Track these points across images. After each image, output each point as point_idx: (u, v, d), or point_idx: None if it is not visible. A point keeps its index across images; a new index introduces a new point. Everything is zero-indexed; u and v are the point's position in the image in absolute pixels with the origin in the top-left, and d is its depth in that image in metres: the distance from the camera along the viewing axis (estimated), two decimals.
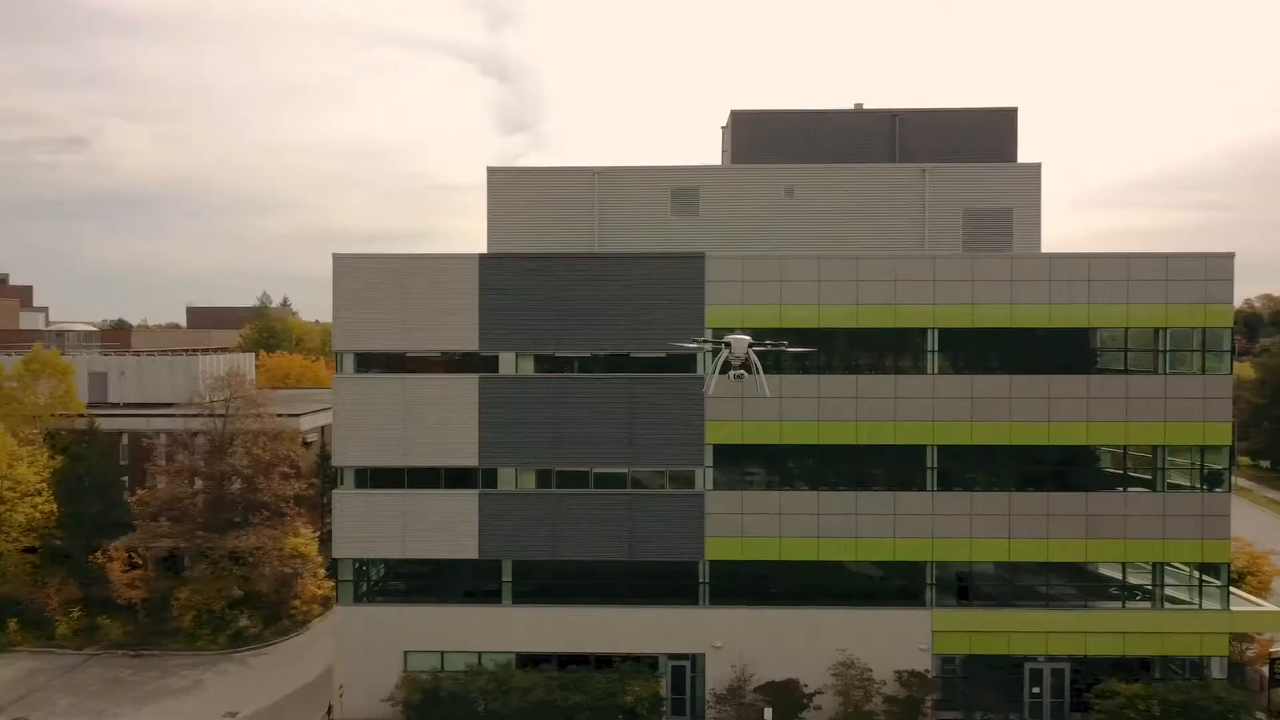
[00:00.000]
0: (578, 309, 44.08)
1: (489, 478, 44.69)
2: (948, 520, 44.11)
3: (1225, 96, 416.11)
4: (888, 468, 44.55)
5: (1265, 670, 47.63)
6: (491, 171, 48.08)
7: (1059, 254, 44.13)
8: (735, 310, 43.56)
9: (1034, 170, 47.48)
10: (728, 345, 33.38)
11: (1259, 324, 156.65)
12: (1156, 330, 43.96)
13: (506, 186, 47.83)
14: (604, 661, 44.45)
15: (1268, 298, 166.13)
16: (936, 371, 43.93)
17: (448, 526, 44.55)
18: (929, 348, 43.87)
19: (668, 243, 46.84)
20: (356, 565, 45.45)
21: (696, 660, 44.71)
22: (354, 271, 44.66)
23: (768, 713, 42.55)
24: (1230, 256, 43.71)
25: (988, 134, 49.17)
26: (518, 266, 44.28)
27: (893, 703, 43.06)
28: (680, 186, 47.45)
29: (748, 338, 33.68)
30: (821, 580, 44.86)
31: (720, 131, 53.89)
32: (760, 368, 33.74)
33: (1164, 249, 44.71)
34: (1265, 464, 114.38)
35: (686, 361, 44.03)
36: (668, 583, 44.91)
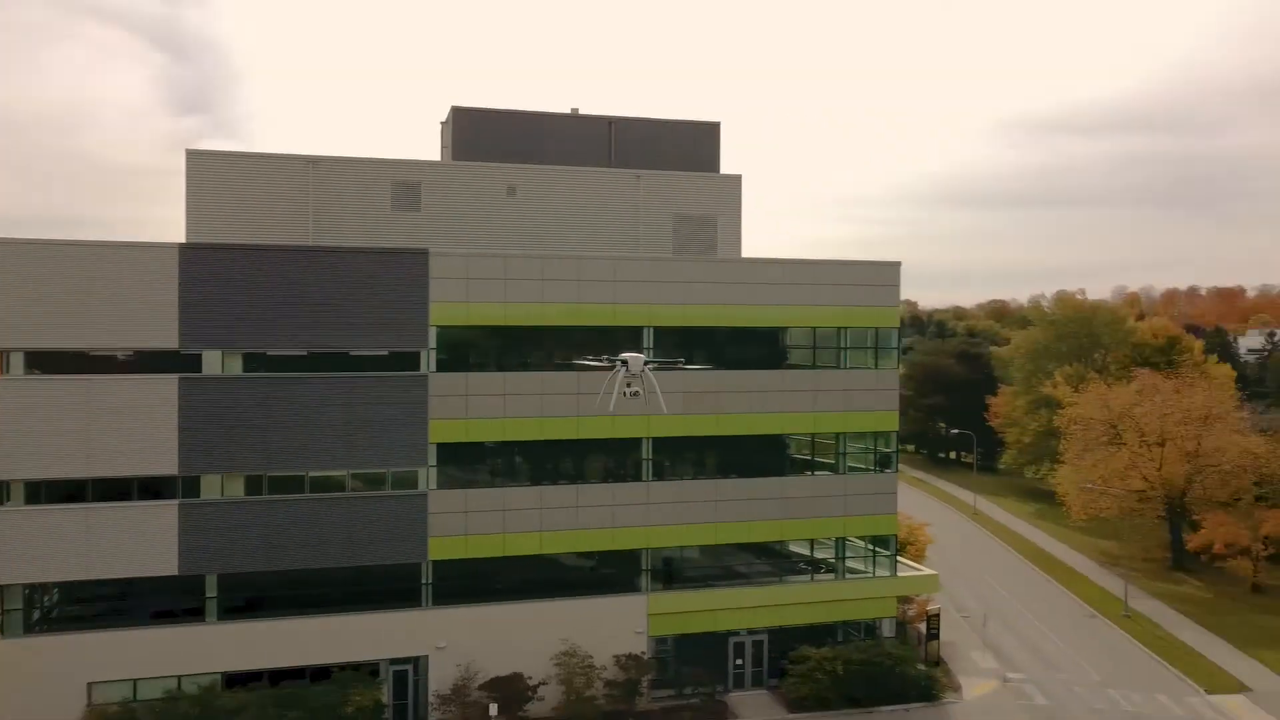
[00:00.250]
0: (292, 305, 41.79)
1: (191, 487, 41.27)
2: (662, 508, 46.66)
3: (902, 127, 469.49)
4: (606, 460, 46.33)
5: (923, 627, 54.82)
6: (192, 155, 44.44)
7: (759, 259, 48.10)
8: (460, 308, 43.37)
9: (736, 181, 51.35)
10: (625, 363, 34.44)
11: (902, 325, 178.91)
12: (839, 329, 49.15)
13: (209, 172, 44.45)
14: (323, 673, 42.57)
15: (907, 302, 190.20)
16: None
17: (142, 542, 40.59)
18: (646, 344, 46.10)
19: (389, 238, 45.72)
20: (27, 592, 40.24)
21: (419, 663, 44.04)
22: (18, 259, 39.39)
23: (493, 708, 42.82)
24: (897, 265, 49.82)
25: (695, 145, 52.51)
26: (224, 258, 41.20)
27: (612, 686, 44.86)
28: (401, 180, 46.46)
29: (643, 356, 35.07)
30: (544, 573, 45.82)
31: (439, 127, 53.31)
32: (655, 384, 34.63)
33: (848, 257, 50.13)
34: (911, 448, 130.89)
35: (409, 360, 43.21)
36: (390, 586, 43.85)
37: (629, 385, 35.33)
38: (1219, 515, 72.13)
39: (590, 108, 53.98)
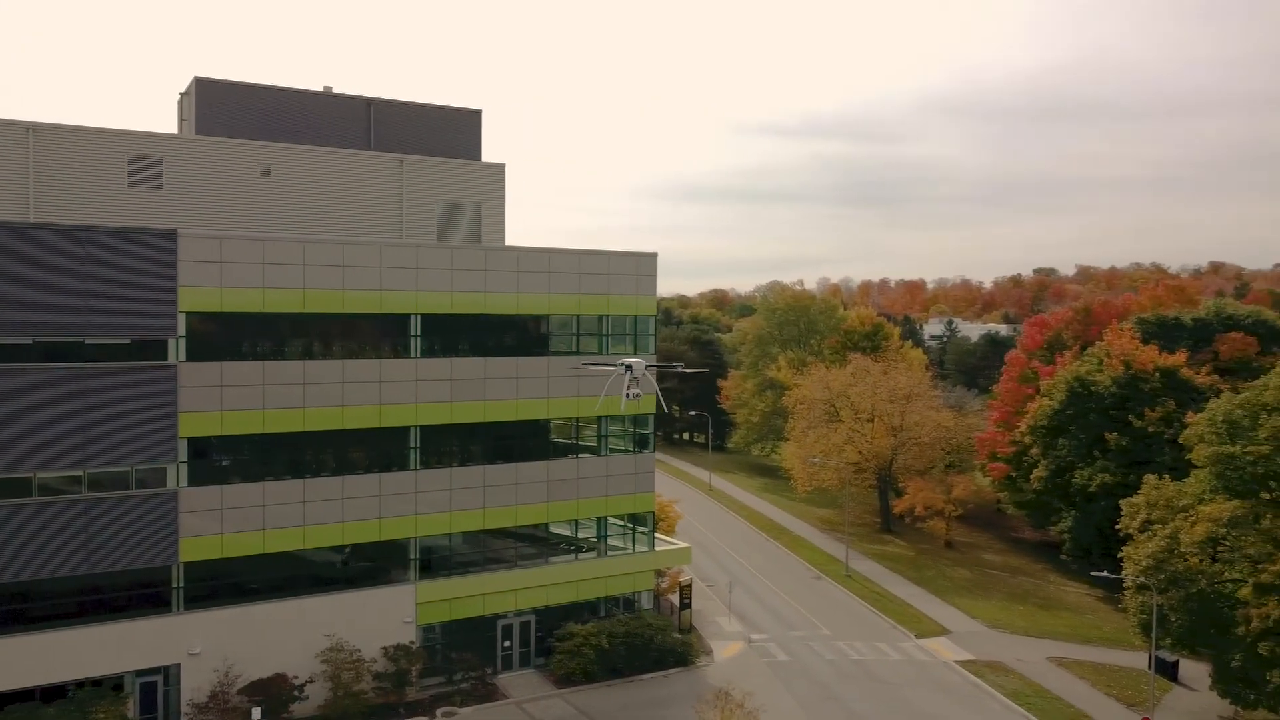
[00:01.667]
0: (12, 289, 37.45)
1: None
2: (430, 496, 46.44)
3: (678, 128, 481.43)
4: (373, 450, 45.41)
5: (675, 598, 58.15)
6: None
7: (525, 248, 48.86)
8: (213, 293, 40.80)
9: (499, 169, 51.71)
10: (628, 367, 36.91)
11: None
12: (600, 317, 50.98)
13: None
14: (57, 692, 38.74)
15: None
16: (420, 355, 45.85)
17: None
18: (413, 332, 45.60)
19: (127, 216, 42.07)
20: None
21: (171, 672, 41.16)
22: None
23: (255, 712, 40.92)
24: (654, 256, 52.39)
25: (457, 132, 52.25)
26: None
27: (382, 678, 44.18)
28: (140, 154, 42.84)
29: (644, 360, 37.59)
30: (308, 569, 44.27)
31: (179, 99, 49.45)
32: (656, 385, 36.78)
33: (608, 247, 52.02)
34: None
35: (155, 349, 40.10)
36: (135, 593, 40.65)
37: (630, 387, 37.40)
38: (918, 482, 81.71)
39: (343, 87, 52.07)
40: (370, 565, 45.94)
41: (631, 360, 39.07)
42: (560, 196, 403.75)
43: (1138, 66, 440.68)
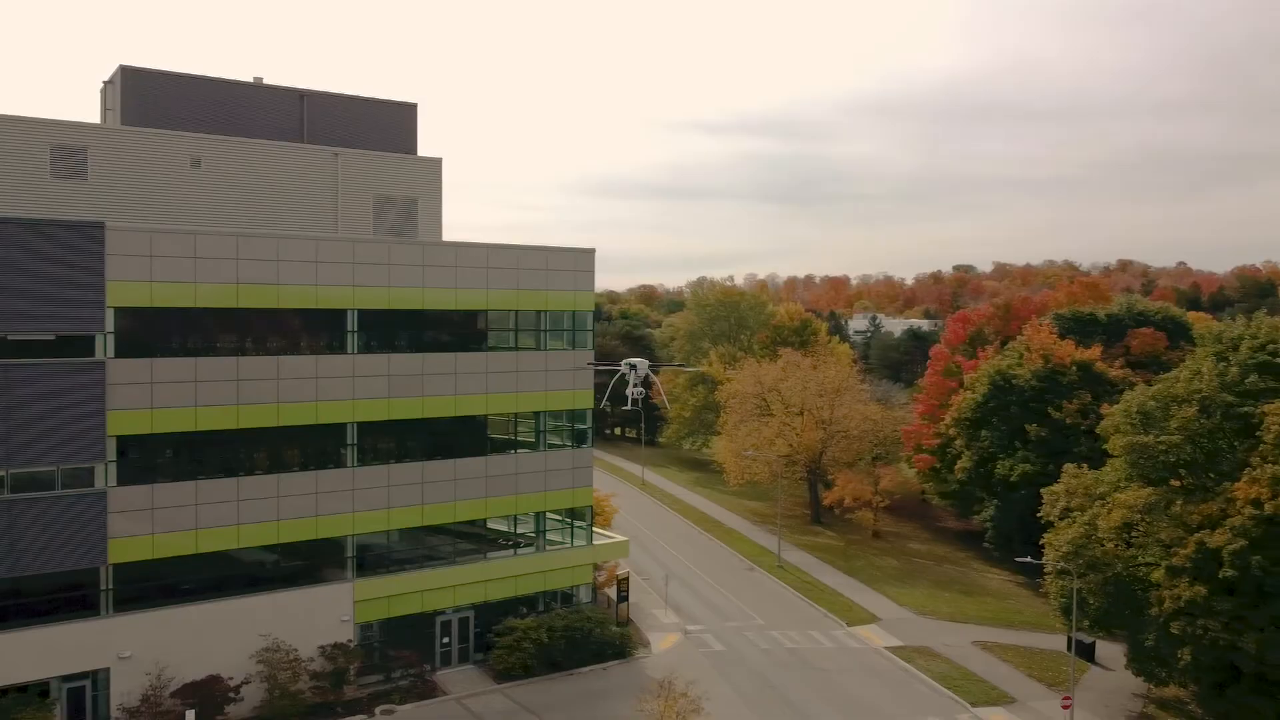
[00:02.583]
0: None
1: None
2: (368, 493, 46.03)
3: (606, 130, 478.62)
4: (309, 447, 44.85)
5: (611, 592, 58.60)
6: None
7: (463, 243, 48.69)
8: (143, 288, 39.83)
9: (436, 164, 51.40)
10: (633, 367, 39.26)
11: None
12: (539, 313, 51.08)
13: None
14: None
15: None
16: (357, 351, 45.39)
17: None
18: (349, 328, 45.11)
19: (50, 208, 40.83)
20: None
21: (99, 676, 40.12)
22: None
23: (189, 715, 40.12)
24: (592, 252, 52.65)
25: (392, 125, 51.76)
26: None
27: (319, 678, 43.68)
28: (63, 144, 41.56)
29: (647, 361, 39.21)
30: (243, 568, 43.56)
31: (102, 88, 48.01)
32: (660, 384, 39.13)
33: (537, 242, 52.14)
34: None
35: (81, 345, 38.99)
36: (62, 596, 39.51)
37: (635, 386, 40.22)
38: (847, 474, 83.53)
39: (274, 79, 51.10)
40: (307, 564, 45.36)
41: (635, 361, 40.49)
42: (487, 191, 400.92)
43: (1053, 70, 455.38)
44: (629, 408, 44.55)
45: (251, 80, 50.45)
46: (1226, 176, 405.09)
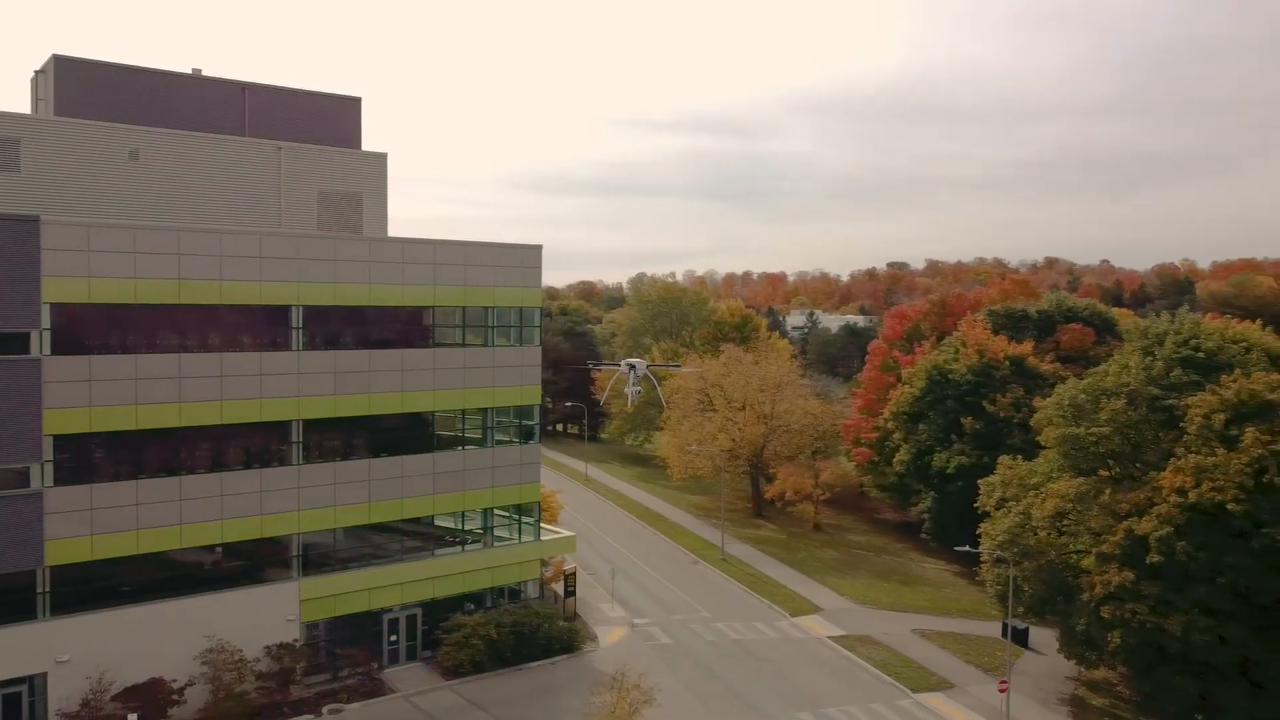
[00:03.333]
0: None
1: None
2: (313, 491, 45.53)
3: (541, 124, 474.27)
4: (253, 445, 44.23)
5: (558, 587, 58.79)
6: None
7: (409, 239, 48.40)
8: (80, 283, 38.89)
9: (382, 159, 50.99)
10: (632, 368, 42.04)
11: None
12: (486, 309, 50.99)
13: None
14: None
15: None
16: (302, 348, 44.86)
17: None
18: (294, 324, 44.56)
19: None
20: None
21: (36, 681, 39.12)
22: None
23: (131, 719, 39.41)
24: (539, 248, 52.72)
25: (336, 120, 51.18)
26: None
27: (265, 678, 43.17)
28: None
29: (645, 361, 41.67)
30: (186, 569, 42.82)
31: (33, 77, 46.61)
32: (656, 381, 41.05)
33: (477, 238, 51.90)
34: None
35: (16, 342, 37.88)
36: None
37: (634, 385, 41.98)
38: (788, 468, 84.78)
39: (209, 71, 50.07)
40: (251, 563, 44.75)
41: (635, 361, 41.43)
42: (424, 185, 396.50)
43: (984, 72, 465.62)
44: (629, 406, 46.78)
45: (190, 72, 49.45)
46: (1147, 178, 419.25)
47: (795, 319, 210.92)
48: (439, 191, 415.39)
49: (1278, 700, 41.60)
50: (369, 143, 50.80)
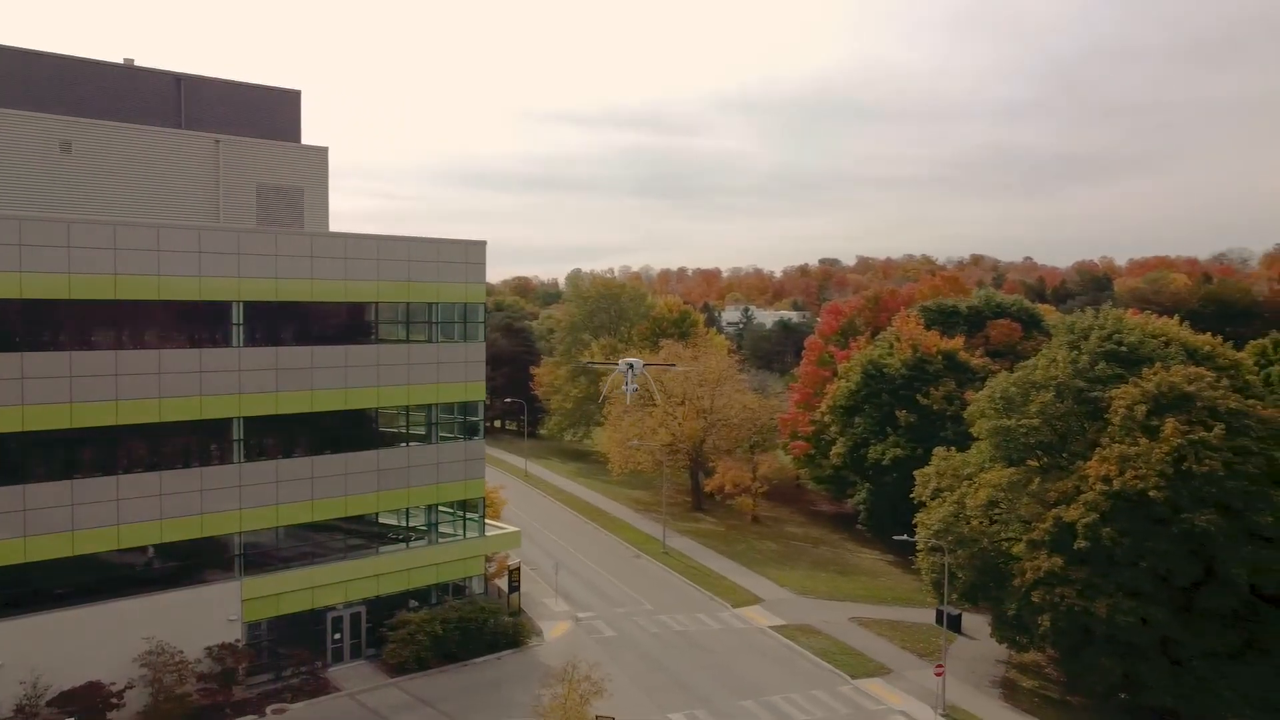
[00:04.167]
0: None
1: None
2: (255, 490, 44.95)
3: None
4: (193, 443, 43.47)
5: (501, 583, 58.85)
6: None
7: (352, 234, 47.99)
8: (11, 278, 37.86)
9: (323, 153, 50.40)
10: (631, 366, 44.15)
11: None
12: (430, 305, 50.81)
13: None
14: None
15: None
16: (243, 344, 44.22)
17: None
18: (235, 321, 43.91)
19: None
20: None
21: None
22: None
23: None
24: (483, 244, 52.65)
25: (275, 113, 50.44)
26: None
27: (207, 679, 42.58)
28: None
29: (642, 361, 43.79)
30: (124, 570, 41.98)
31: None
32: (651, 380, 42.95)
33: (427, 233, 51.74)
34: None
35: None
36: None
37: (630, 384, 43.31)
38: (727, 461, 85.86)
39: (143, 61, 49.00)
40: (192, 563, 44.00)
41: (632, 360, 42.81)
42: (350, 180, 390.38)
43: (910, 74, 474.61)
44: (629, 403, 50.93)
45: (121, 62, 48.27)
46: (1065, 176, 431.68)
47: (730, 315, 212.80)
48: (364, 185, 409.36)
49: (1195, 676, 43.68)
50: (306, 136, 50.11)
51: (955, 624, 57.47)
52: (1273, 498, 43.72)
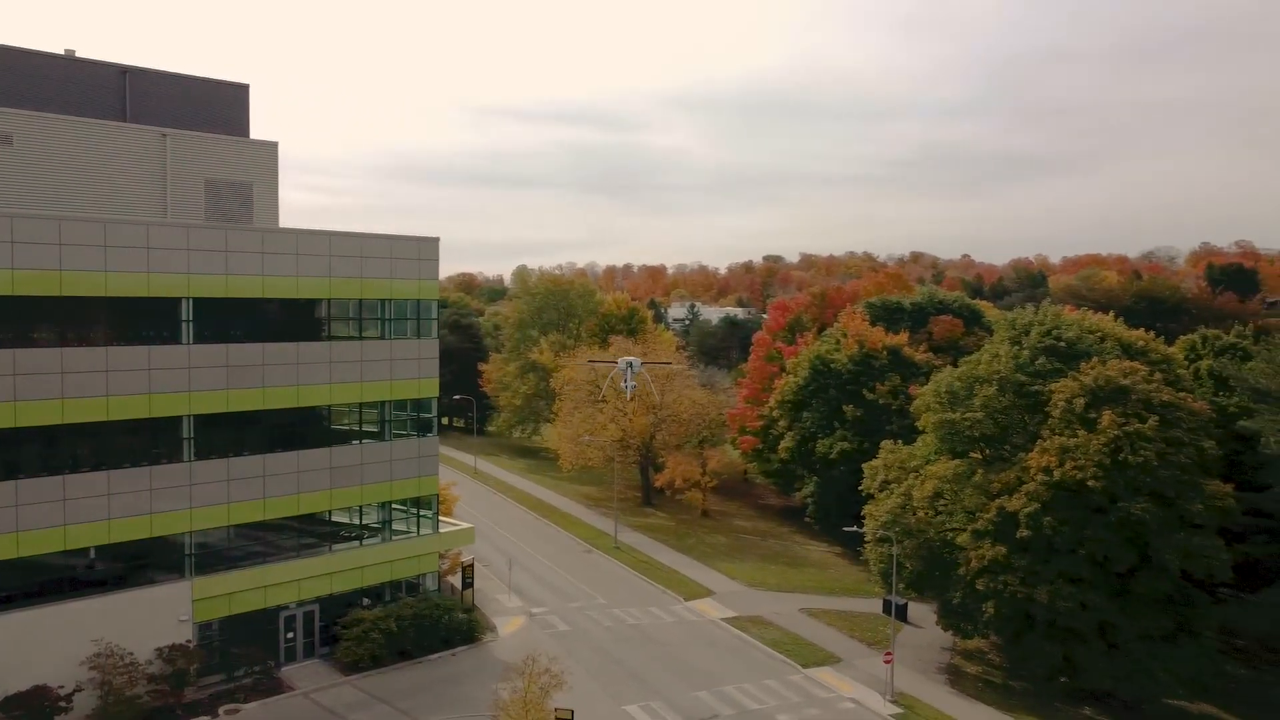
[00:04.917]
0: None
1: None
2: (206, 488, 44.38)
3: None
4: (142, 442, 42.78)
5: (454, 580, 58.81)
6: None
7: (304, 230, 47.56)
8: None
9: (272, 147, 49.82)
10: (629, 365, 43.56)
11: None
12: (382, 301, 50.57)
13: None
14: None
15: None
16: (193, 341, 43.62)
17: None
18: (184, 317, 43.28)
19: None
20: None
21: None
22: None
23: None
24: (436, 240, 52.54)
25: (223, 106, 49.74)
26: None
27: (158, 680, 41.97)
28: None
29: (640, 359, 41.28)
30: (71, 571, 41.19)
31: None
32: (649, 378, 44.51)
33: (349, 228, 51.38)
34: None
35: None
36: None
37: (629, 382, 44.99)
38: (677, 456, 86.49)
39: (88, 52, 47.95)
40: (141, 563, 43.31)
41: (632, 359, 43.38)
42: (287, 174, 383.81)
43: (849, 74, 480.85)
44: (629, 400, 52.61)
45: (62, 53, 47.20)
46: (1001, 176, 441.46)
47: (676, 311, 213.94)
48: (303, 179, 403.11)
49: (1131, 658, 45.45)
50: (255, 131, 49.51)
51: (902, 613, 58.85)
52: (1203, 487, 45.66)
